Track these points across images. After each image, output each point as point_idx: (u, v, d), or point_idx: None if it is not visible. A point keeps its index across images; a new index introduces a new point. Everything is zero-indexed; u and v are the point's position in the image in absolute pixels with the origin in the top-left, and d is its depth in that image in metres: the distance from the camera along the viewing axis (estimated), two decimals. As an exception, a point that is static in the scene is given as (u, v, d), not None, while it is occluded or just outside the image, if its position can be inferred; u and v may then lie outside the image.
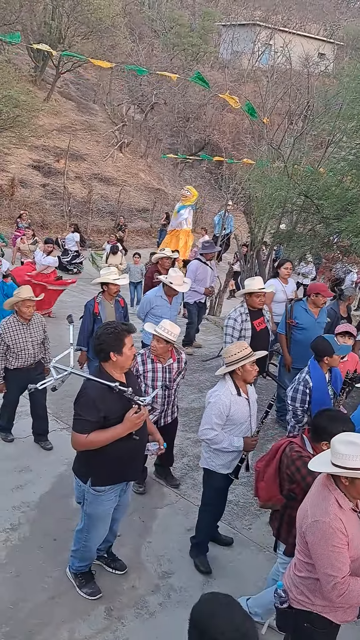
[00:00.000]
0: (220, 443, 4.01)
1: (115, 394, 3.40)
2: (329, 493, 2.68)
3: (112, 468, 3.51)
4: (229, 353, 4.04)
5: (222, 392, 4.02)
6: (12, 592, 3.82)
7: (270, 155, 10.74)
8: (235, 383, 4.05)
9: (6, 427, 5.81)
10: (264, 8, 39.84)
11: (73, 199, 21.01)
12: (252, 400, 4.20)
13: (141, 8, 35.57)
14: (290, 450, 3.34)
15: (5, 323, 5.44)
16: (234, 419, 4.01)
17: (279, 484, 3.44)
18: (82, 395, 3.43)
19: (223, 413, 3.97)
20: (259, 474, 3.58)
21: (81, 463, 3.62)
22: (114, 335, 3.43)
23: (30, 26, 24.96)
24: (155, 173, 27.29)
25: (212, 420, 3.98)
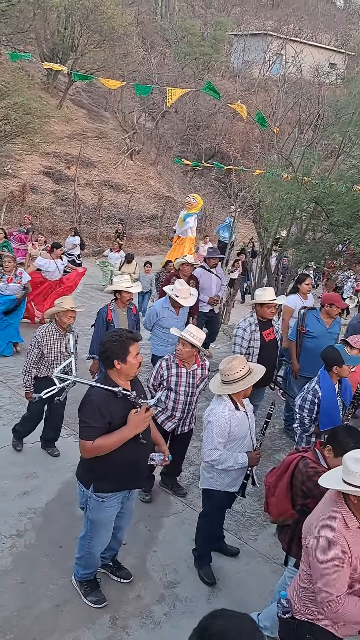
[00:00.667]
0: (225, 462, 3.92)
1: (119, 399, 3.39)
2: (337, 510, 2.65)
3: (115, 475, 3.50)
4: (233, 370, 3.91)
5: (220, 408, 3.92)
6: (17, 599, 3.80)
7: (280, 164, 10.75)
8: (232, 397, 3.97)
9: (21, 435, 5.67)
10: (275, 18, 40.07)
11: (83, 206, 21.12)
12: (250, 412, 4.13)
13: (153, 17, 35.85)
14: (305, 466, 3.28)
15: (45, 331, 5.35)
16: (235, 434, 3.93)
17: (291, 499, 3.39)
18: (86, 401, 3.43)
19: (224, 431, 3.88)
20: (269, 489, 3.53)
21: (84, 469, 3.60)
22: (118, 343, 3.42)
23: (44, 34, 25.22)
24: (165, 181, 27.40)
25: (214, 440, 3.89)
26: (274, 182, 9.14)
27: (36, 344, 5.29)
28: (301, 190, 7.99)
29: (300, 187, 8.12)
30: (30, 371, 5.35)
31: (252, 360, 5.71)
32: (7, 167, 20.96)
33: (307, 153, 9.92)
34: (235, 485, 4.07)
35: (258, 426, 4.50)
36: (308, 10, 44.80)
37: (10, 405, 6.67)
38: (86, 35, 24.86)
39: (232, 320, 12.31)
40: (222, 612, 1.89)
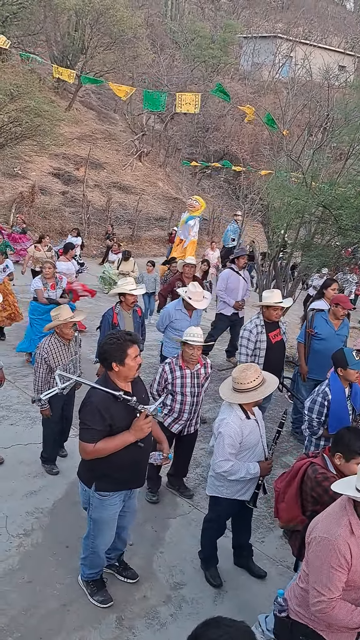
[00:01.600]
0: (237, 473, 3.88)
1: (119, 402, 3.39)
2: (345, 515, 2.64)
3: (116, 475, 3.52)
4: (246, 379, 3.85)
5: (231, 419, 3.88)
6: (24, 599, 3.82)
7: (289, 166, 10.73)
8: (242, 406, 3.93)
9: (50, 458, 5.47)
10: (285, 21, 40.05)
11: (92, 207, 21.17)
12: (260, 420, 4.09)
13: (163, 20, 35.93)
14: (314, 472, 3.27)
15: (48, 345, 5.15)
16: (247, 444, 3.90)
17: (301, 505, 3.39)
18: (87, 404, 3.43)
19: (236, 441, 3.84)
20: (278, 494, 3.53)
21: (86, 468, 3.62)
22: (116, 346, 3.41)
23: (54, 37, 25.34)
24: (173, 182, 27.43)
25: (225, 452, 3.85)
26: (281, 186, 9.12)
27: (42, 360, 5.11)
28: (309, 195, 7.97)
29: (309, 191, 8.10)
30: (41, 388, 5.14)
31: (259, 361, 5.72)
32: (17, 169, 21.07)
33: (316, 156, 9.91)
34: (244, 494, 4.03)
35: (268, 431, 4.49)
36: (318, 12, 44.73)
37: (18, 405, 6.70)
38: (96, 37, 24.95)
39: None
40: (217, 620, 1.79)
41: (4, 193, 19.66)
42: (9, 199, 19.08)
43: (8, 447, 5.66)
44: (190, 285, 6.54)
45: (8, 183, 20.35)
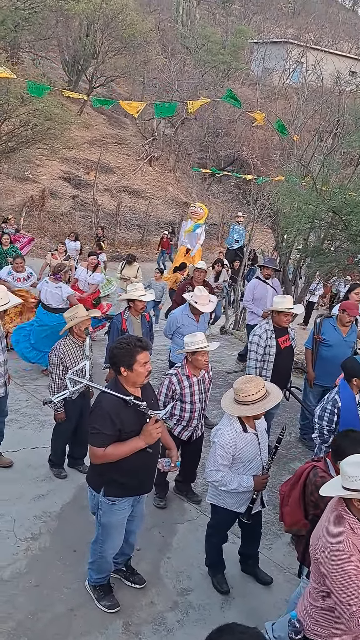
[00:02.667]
0: (228, 484, 3.84)
1: (129, 407, 3.39)
2: (341, 518, 2.61)
3: (124, 480, 3.51)
4: (246, 392, 3.77)
5: (226, 430, 3.84)
6: (31, 602, 3.82)
7: (300, 171, 10.72)
8: (240, 419, 3.88)
9: (58, 462, 5.46)
10: (296, 26, 40.08)
11: (102, 211, 21.27)
12: (261, 433, 4.01)
13: (174, 25, 36.07)
14: (315, 476, 3.26)
15: (64, 346, 5.16)
16: (242, 457, 3.85)
17: (304, 509, 3.38)
18: (97, 408, 3.43)
19: (228, 453, 3.80)
20: (283, 498, 3.52)
21: (94, 473, 3.62)
22: (124, 351, 3.40)
23: (65, 41, 25.52)
24: (183, 187, 27.50)
25: (217, 462, 3.82)
26: (291, 191, 9.11)
27: (59, 361, 5.11)
28: (319, 200, 7.96)
29: (319, 196, 8.09)
30: (58, 390, 5.09)
31: (268, 367, 5.70)
32: (28, 172, 21.21)
33: (326, 161, 9.89)
34: (240, 507, 3.99)
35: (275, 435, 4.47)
36: (329, 18, 44.77)
37: (26, 409, 6.72)
38: (107, 42, 25.12)
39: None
40: (230, 627, 1.80)
41: (15, 197, 19.80)
42: (20, 203, 19.21)
43: (17, 451, 5.67)
44: (196, 289, 6.52)
45: (19, 187, 20.50)
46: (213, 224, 24.77)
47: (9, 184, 20.24)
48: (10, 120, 17.67)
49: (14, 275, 8.59)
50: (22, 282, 8.68)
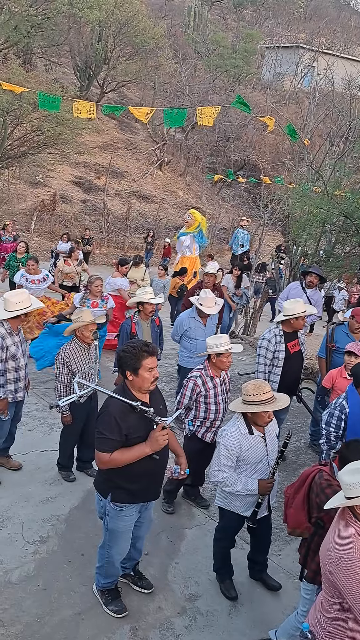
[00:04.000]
0: (232, 486, 3.83)
1: (137, 412, 3.37)
2: (348, 526, 2.59)
3: (131, 486, 3.50)
4: (246, 391, 3.80)
5: (231, 431, 3.84)
6: (38, 606, 3.82)
7: (311, 176, 10.70)
8: (247, 421, 3.87)
9: (66, 465, 5.45)
10: (308, 31, 40.13)
11: (112, 215, 21.35)
12: (270, 437, 3.97)
13: (185, 30, 36.22)
14: (320, 479, 3.25)
15: (70, 350, 5.15)
16: (246, 459, 3.83)
17: (307, 512, 3.36)
18: (104, 413, 3.41)
19: (232, 454, 3.79)
20: (288, 500, 3.50)
21: (101, 478, 3.61)
22: (130, 355, 3.38)
23: (78, 47, 25.70)
24: (193, 191, 27.53)
25: (220, 462, 3.82)
26: (303, 195, 9.09)
27: (64, 365, 5.10)
28: (331, 205, 7.94)
29: (330, 201, 8.07)
30: (64, 394, 5.09)
31: (276, 371, 5.67)
32: (39, 177, 21.34)
33: (337, 165, 9.87)
34: (248, 510, 3.97)
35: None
36: (341, 22, 44.76)
37: (36, 412, 6.73)
38: (118, 48, 25.28)
39: (257, 332, 12.25)
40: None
41: (26, 201, 19.93)
42: (31, 207, 19.33)
43: (25, 454, 5.68)
44: (201, 292, 6.51)
45: (30, 191, 20.63)
46: (223, 229, 24.76)
47: (20, 188, 20.38)
48: (22, 126, 17.82)
49: (28, 278, 8.46)
50: (37, 284, 8.53)
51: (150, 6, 36.81)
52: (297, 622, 3.44)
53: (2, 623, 3.63)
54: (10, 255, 10.45)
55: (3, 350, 4.80)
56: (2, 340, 4.78)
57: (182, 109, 13.38)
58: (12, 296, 4.83)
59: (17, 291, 4.95)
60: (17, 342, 4.94)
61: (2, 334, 4.79)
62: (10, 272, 10.10)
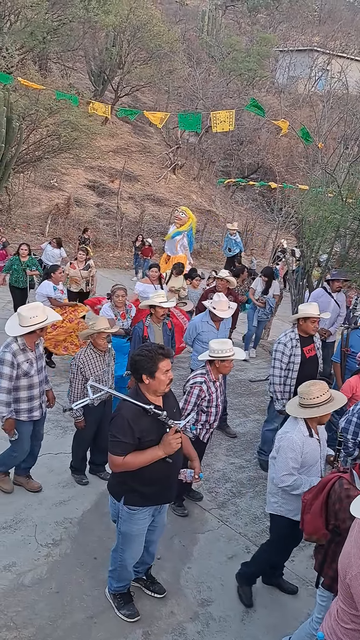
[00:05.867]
0: (300, 487, 3.79)
1: (150, 416, 3.36)
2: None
3: (144, 490, 3.49)
4: (310, 395, 3.81)
5: (294, 433, 3.82)
6: (51, 609, 3.82)
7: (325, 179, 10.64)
8: (307, 423, 3.86)
9: (79, 468, 5.49)
10: (322, 34, 40.01)
11: (125, 219, 21.39)
12: (323, 440, 3.99)
13: (200, 34, 36.28)
14: (340, 487, 3.22)
15: (84, 356, 5.18)
16: (305, 461, 3.82)
17: (325, 519, 3.32)
18: (117, 416, 3.42)
19: (298, 455, 3.78)
20: (305, 506, 3.47)
21: (115, 482, 3.61)
22: (147, 358, 3.39)
23: (92, 52, 25.86)
24: (207, 195, 27.54)
25: (289, 465, 3.78)
26: (317, 200, 9.04)
27: (78, 371, 5.13)
28: (345, 209, 7.88)
29: (344, 205, 8.02)
30: (77, 399, 5.11)
31: (292, 376, 5.64)
32: (54, 181, 21.48)
33: (352, 169, 9.80)
34: (298, 514, 3.88)
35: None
36: (355, 26, 44.54)
37: (49, 414, 6.68)
38: (133, 52, 25.39)
39: (271, 336, 12.20)
40: None
41: (41, 205, 20.06)
42: (45, 211, 19.45)
43: (39, 456, 5.68)
44: (214, 295, 6.49)
45: (45, 195, 20.77)
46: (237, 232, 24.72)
47: (35, 192, 20.52)
48: (38, 130, 17.96)
49: (56, 288, 8.09)
50: (64, 293, 8.24)
51: (165, 11, 36.96)
52: (312, 629, 3.41)
53: (15, 625, 3.64)
54: (13, 259, 9.79)
55: (14, 367, 4.59)
56: (14, 357, 4.58)
57: (197, 114, 13.33)
58: (26, 310, 4.62)
59: (31, 305, 4.75)
60: (32, 359, 4.71)
61: (15, 351, 4.59)
62: (13, 277, 9.58)
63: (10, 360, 4.56)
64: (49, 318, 4.70)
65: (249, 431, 7.12)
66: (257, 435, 6.75)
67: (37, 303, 4.89)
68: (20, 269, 9.52)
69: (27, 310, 4.62)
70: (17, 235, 17.11)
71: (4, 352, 4.57)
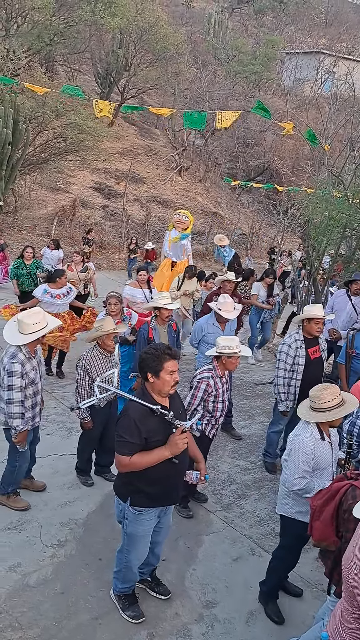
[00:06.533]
0: (312, 491, 3.76)
1: (156, 416, 3.37)
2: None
3: (150, 491, 3.50)
4: (322, 399, 3.76)
5: (306, 436, 3.80)
6: (56, 609, 3.83)
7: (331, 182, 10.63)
8: (319, 426, 3.85)
9: (85, 469, 5.49)
10: (328, 36, 40.01)
11: (131, 221, 21.44)
12: (335, 443, 3.97)
13: (206, 37, 36.33)
14: (354, 498, 3.16)
15: (91, 357, 5.16)
16: (317, 464, 3.81)
17: (336, 527, 3.30)
18: (124, 416, 3.42)
19: (310, 458, 3.76)
20: (314, 512, 3.44)
21: (121, 482, 3.62)
22: (153, 357, 3.40)
23: (99, 54, 25.94)
24: (212, 197, 27.55)
25: (301, 469, 3.76)
26: (324, 200, 9.03)
27: (85, 372, 5.12)
28: (352, 209, 7.88)
29: (351, 206, 8.01)
30: (84, 400, 4.97)
31: (297, 377, 5.63)
32: (60, 183, 21.54)
33: (358, 171, 9.79)
34: (307, 515, 3.84)
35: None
36: (362, 28, 44.50)
37: (54, 416, 6.77)
38: (139, 54, 25.45)
39: (276, 338, 12.18)
40: None
41: (47, 207, 20.12)
42: (51, 213, 19.51)
43: (44, 457, 5.71)
44: (220, 297, 6.51)
45: (51, 197, 20.83)
46: (242, 234, 24.74)
47: (41, 194, 20.58)
48: (45, 132, 18.03)
49: (52, 293, 7.74)
50: (62, 298, 7.85)
51: (171, 13, 37.06)
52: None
53: (20, 626, 3.65)
54: (17, 263, 9.45)
55: (24, 377, 4.47)
56: (22, 367, 4.43)
57: (202, 112, 13.39)
58: (27, 317, 4.47)
59: (32, 311, 4.63)
60: (35, 366, 4.63)
61: (22, 360, 4.43)
62: (19, 282, 9.38)
63: (20, 371, 4.43)
64: (49, 324, 4.62)
65: (254, 433, 7.11)
66: (263, 437, 6.74)
67: (37, 308, 4.81)
68: (25, 272, 9.39)
69: (29, 316, 4.49)
70: (23, 237, 17.17)
71: (12, 364, 4.41)
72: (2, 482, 4.86)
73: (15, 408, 4.46)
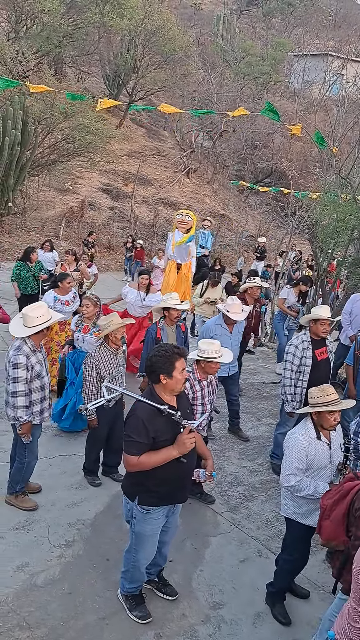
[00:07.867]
0: (305, 490, 3.79)
1: (164, 416, 3.39)
2: None
3: (159, 490, 3.51)
4: (310, 395, 3.88)
5: (300, 433, 3.84)
6: (63, 609, 3.84)
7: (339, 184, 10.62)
8: (315, 426, 3.87)
9: (92, 470, 5.49)
10: (337, 39, 39.91)
11: (139, 222, 21.48)
12: (335, 446, 3.95)
13: (214, 39, 36.37)
14: None
15: (99, 354, 5.18)
16: (312, 463, 3.82)
17: (346, 526, 3.30)
18: (132, 416, 3.45)
19: (303, 456, 3.78)
20: (324, 511, 3.44)
21: (129, 482, 3.63)
22: (164, 358, 3.42)
23: (107, 56, 26.02)
24: (220, 199, 27.56)
25: (293, 465, 3.79)
26: (332, 202, 9.02)
27: (93, 368, 5.13)
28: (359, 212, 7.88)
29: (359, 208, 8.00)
30: (92, 397, 5.13)
31: (303, 378, 5.63)
32: (68, 184, 21.61)
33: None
34: (309, 517, 3.89)
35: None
36: (370, 30, 44.36)
37: (63, 416, 6.78)
38: (147, 56, 25.48)
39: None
40: None
41: (55, 208, 20.20)
42: (60, 214, 19.58)
43: (52, 458, 5.74)
44: (228, 299, 6.53)
45: (59, 198, 20.91)
46: (250, 236, 24.72)
47: (50, 196, 20.66)
48: (53, 134, 18.10)
49: (61, 300, 7.38)
50: (70, 305, 7.45)
51: (180, 15, 37.10)
52: None
53: (28, 625, 3.67)
54: (20, 265, 9.15)
55: (28, 370, 4.50)
56: (27, 359, 4.48)
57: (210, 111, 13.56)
58: (31, 310, 4.54)
59: (36, 304, 4.68)
60: (41, 360, 4.66)
61: (27, 353, 4.49)
62: (22, 284, 9.11)
63: (25, 363, 4.48)
64: (52, 317, 4.69)
65: (262, 435, 7.11)
66: (270, 439, 6.73)
67: (41, 302, 4.88)
68: (30, 274, 9.15)
69: (32, 310, 4.56)
70: (31, 238, 17.24)
71: (17, 356, 4.47)
72: (11, 480, 4.89)
73: (19, 399, 4.52)
